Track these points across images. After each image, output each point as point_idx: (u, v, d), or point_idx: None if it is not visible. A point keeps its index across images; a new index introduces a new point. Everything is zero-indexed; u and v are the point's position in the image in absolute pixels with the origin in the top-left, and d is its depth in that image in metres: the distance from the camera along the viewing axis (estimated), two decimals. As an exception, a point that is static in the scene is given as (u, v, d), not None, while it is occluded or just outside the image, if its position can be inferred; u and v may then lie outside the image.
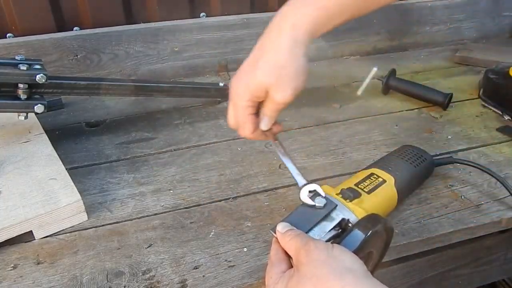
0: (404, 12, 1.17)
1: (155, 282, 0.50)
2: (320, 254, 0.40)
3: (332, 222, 0.47)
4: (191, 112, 0.89)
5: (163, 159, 0.73)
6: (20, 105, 0.67)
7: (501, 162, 0.71)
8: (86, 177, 0.68)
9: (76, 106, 0.90)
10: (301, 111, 0.89)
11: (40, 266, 0.52)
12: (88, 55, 0.95)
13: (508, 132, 0.79)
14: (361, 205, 0.49)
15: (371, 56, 1.18)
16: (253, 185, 0.67)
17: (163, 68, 1.03)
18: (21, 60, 0.67)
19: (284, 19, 0.50)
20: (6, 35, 0.92)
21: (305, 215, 0.47)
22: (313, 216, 0.47)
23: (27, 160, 0.65)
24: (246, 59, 0.52)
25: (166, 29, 0.99)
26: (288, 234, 0.43)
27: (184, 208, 0.62)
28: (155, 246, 0.55)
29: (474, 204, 0.61)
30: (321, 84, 1.02)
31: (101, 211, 0.61)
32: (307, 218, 0.47)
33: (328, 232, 0.46)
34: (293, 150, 0.75)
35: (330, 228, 0.46)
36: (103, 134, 0.81)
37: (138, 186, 0.66)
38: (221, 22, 1.03)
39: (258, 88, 0.49)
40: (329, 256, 0.39)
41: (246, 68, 0.52)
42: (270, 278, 0.43)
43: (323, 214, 0.47)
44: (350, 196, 0.50)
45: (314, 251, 0.40)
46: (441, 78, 1.03)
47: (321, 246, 0.41)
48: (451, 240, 0.59)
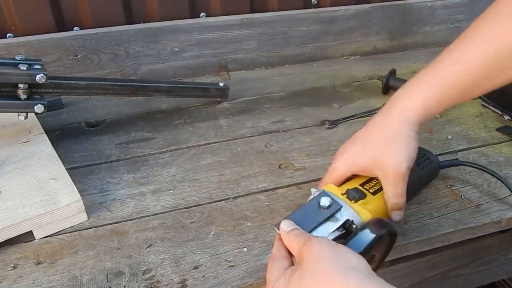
0: (404, 12, 1.17)
1: (155, 282, 0.50)
2: (324, 250, 0.39)
3: (336, 223, 0.46)
4: (191, 112, 0.89)
5: (163, 159, 0.73)
6: (20, 105, 0.67)
7: (501, 162, 0.71)
8: (86, 177, 0.68)
9: (76, 106, 0.90)
10: (301, 111, 0.89)
11: (40, 266, 0.52)
12: (88, 55, 0.95)
13: (508, 132, 0.79)
14: (366, 207, 0.49)
15: (371, 56, 1.18)
16: (253, 185, 0.67)
17: (163, 68, 1.03)
18: (21, 60, 0.67)
19: (395, 100, 0.51)
20: (6, 35, 0.92)
21: (309, 214, 0.47)
22: (317, 215, 0.46)
23: (27, 160, 0.65)
24: (355, 133, 0.54)
25: (166, 29, 0.99)
26: (292, 234, 0.43)
27: (184, 208, 0.62)
28: (155, 246, 0.55)
29: (474, 204, 0.61)
30: (321, 84, 1.02)
31: (101, 211, 0.61)
32: (311, 217, 0.46)
33: (332, 233, 0.45)
34: (293, 150, 0.75)
35: (334, 228, 0.46)
36: (103, 134, 0.81)
37: (138, 186, 0.66)
38: (221, 22, 1.03)
39: (369, 160, 0.50)
40: (333, 252, 0.38)
41: (351, 145, 0.53)
42: (271, 274, 0.42)
43: (327, 214, 0.47)
44: (356, 197, 0.49)
45: (317, 246, 0.39)
46: (441, 78, 1.03)
47: (325, 242, 0.40)
48: (451, 240, 0.59)
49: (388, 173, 0.49)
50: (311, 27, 1.11)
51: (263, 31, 1.07)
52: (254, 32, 1.06)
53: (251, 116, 0.87)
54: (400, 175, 0.48)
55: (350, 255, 0.39)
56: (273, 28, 1.07)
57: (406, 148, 0.49)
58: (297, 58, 1.14)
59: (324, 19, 1.11)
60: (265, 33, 1.07)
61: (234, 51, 1.07)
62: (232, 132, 0.82)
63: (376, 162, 0.50)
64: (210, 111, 0.89)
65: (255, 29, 1.05)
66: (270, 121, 0.85)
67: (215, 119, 0.86)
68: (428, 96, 0.49)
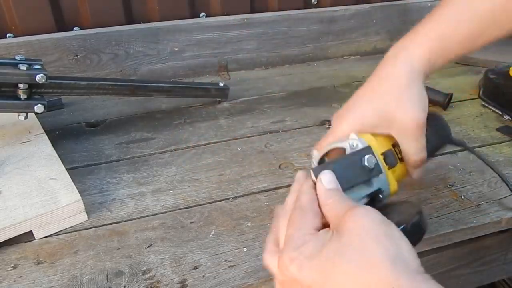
0: (404, 12, 1.17)
1: (155, 282, 0.50)
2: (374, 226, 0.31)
3: (369, 188, 0.42)
4: (191, 112, 0.89)
5: (163, 159, 0.73)
6: (20, 105, 0.67)
7: (501, 162, 0.71)
8: (86, 177, 0.68)
9: (76, 106, 0.90)
10: (301, 111, 0.89)
11: (40, 266, 0.52)
12: (88, 55, 0.95)
13: (508, 132, 0.79)
14: (394, 175, 0.45)
15: (371, 56, 1.18)
16: (253, 185, 0.67)
17: (163, 68, 1.03)
18: (21, 60, 0.67)
19: (398, 50, 0.49)
20: (6, 35, 0.92)
21: (349, 170, 0.41)
22: (357, 174, 0.41)
23: (27, 160, 0.65)
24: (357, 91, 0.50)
25: (166, 29, 0.99)
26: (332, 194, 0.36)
27: (184, 208, 0.62)
28: (155, 246, 0.55)
29: (474, 204, 0.61)
30: (321, 84, 1.02)
31: (101, 211, 0.61)
32: (351, 175, 0.40)
33: (362, 198, 0.41)
34: (293, 150, 0.75)
35: (366, 194, 0.41)
36: (103, 134, 0.81)
37: (138, 186, 0.66)
38: (221, 22, 1.03)
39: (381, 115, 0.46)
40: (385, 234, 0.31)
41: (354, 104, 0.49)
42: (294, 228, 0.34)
43: (366, 177, 0.41)
44: (391, 164, 0.44)
45: (365, 218, 0.32)
46: (441, 78, 1.03)
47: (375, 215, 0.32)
48: (451, 240, 0.59)
49: (408, 127, 0.45)
50: (311, 27, 1.11)
51: (263, 31, 1.07)
52: (254, 32, 1.06)
53: (251, 116, 0.87)
54: (420, 127, 0.45)
55: (402, 242, 0.32)
56: (273, 28, 1.07)
57: (420, 99, 0.46)
58: (297, 58, 1.14)
59: (324, 19, 1.11)
60: (265, 33, 1.07)
61: (234, 51, 1.07)
62: (232, 132, 0.82)
63: (390, 118, 0.46)
64: (210, 111, 0.89)
65: (255, 29, 1.05)
66: (270, 121, 0.85)
67: (215, 119, 0.86)
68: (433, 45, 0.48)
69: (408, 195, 0.63)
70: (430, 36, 0.49)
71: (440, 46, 0.49)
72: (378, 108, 0.46)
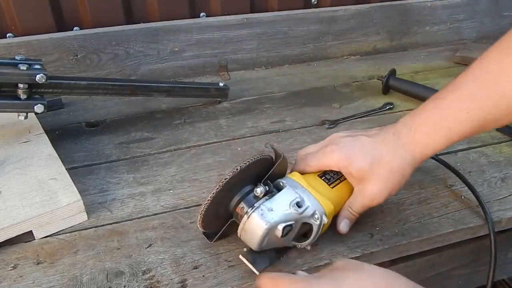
0: (404, 12, 1.17)
1: (155, 282, 0.50)
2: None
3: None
4: (191, 112, 0.89)
5: (163, 159, 0.73)
6: (20, 105, 0.67)
7: (501, 162, 0.71)
8: (86, 177, 0.68)
9: (76, 106, 0.90)
10: (301, 111, 0.89)
11: (40, 266, 0.52)
12: (88, 55, 0.95)
13: (508, 132, 0.79)
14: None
15: (371, 56, 1.18)
16: (253, 185, 0.66)
17: (163, 68, 1.03)
18: (21, 60, 0.67)
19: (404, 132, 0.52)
20: (6, 35, 0.92)
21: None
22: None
23: (27, 160, 0.65)
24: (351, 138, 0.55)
25: (166, 29, 0.99)
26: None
27: (184, 208, 0.62)
28: (155, 246, 0.55)
29: (474, 204, 0.61)
30: (321, 84, 1.02)
31: (101, 211, 0.61)
32: None
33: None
34: (293, 150, 0.75)
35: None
36: (103, 134, 0.81)
37: (138, 186, 0.66)
38: (221, 22, 1.03)
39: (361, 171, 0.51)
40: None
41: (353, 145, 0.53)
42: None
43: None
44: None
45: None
46: (441, 78, 1.03)
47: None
48: (451, 240, 0.59)
49: (372, 196, 0.52)
50: (311, 27, 1.11)
51: (263, 31, 1.07)
52: (254, 32, 1.06)
53: (251, 116, 0.87)
54: (377, 203, 0.52)
55: None
56: (273, 28, 1.07)
57: (399, 186, 0.52)
58: (297, 58, 1.14)
59: (324, 19, 1.11)
60: (265, 33, 1.07)
61: (234, 51, 1.07)
62: (232, 132, 0.82)
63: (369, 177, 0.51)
64: (210, 111, 0.89)
65: (255, 29, 1.05)
66: (270, 121, 0.85)
67: (215, 119, 0.86)
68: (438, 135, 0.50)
69: (408, 195, 0.63)
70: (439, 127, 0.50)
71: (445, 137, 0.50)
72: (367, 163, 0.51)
